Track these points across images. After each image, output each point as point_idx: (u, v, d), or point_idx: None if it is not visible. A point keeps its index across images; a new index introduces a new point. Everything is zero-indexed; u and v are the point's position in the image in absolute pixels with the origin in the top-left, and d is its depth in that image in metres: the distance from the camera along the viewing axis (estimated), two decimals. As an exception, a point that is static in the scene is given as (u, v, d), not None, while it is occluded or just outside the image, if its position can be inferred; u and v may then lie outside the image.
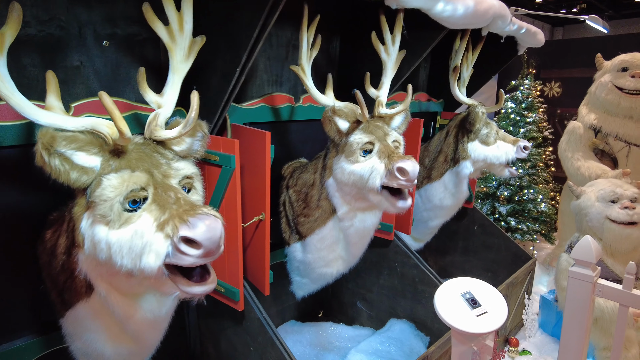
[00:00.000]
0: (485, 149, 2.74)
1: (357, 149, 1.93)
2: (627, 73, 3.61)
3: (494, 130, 2.72)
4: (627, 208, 2.79)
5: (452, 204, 2.98)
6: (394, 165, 1.81)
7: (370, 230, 2.27)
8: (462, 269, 3.73)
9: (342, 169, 1.98)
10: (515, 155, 2.63)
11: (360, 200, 2.07)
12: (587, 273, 2.11)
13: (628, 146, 3.71)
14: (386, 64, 2.18)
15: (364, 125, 2.00)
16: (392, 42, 2.16)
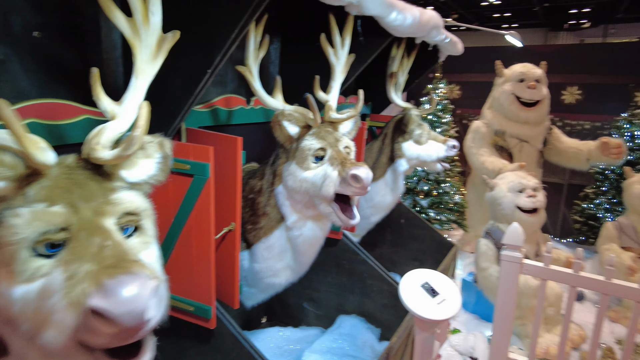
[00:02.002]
0: (418, 148, 2.98)
1: (309, 155, 1.90)
2: (524, 84, 4.18)
3: (425, 131, 2.97)
4: (531, 197, 3.27)
5: (393, 200, 3.19)
6: (347, 172, 1.79)
7: (321, 239, 2.25)
8: (392, 260, 3.97)
9: (293, 176, 1.93)
10: (445, 153, 2.91)
11: (312, 209, 2.05)
12: (516, 255, 2.43)
13: (521, 143, 4.31)
14: (335, 67, 2.16)
15: (315, 130, 1.98)
16: (342, 45, 2.15)
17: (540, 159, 4.39)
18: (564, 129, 5.20)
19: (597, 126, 5.02)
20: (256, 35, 2.01)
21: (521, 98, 4.17)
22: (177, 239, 1.74)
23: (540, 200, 3.35)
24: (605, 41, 15.38)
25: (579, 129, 5.14)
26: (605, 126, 4.92)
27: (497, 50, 5.58)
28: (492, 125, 4.36)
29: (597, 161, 4.03)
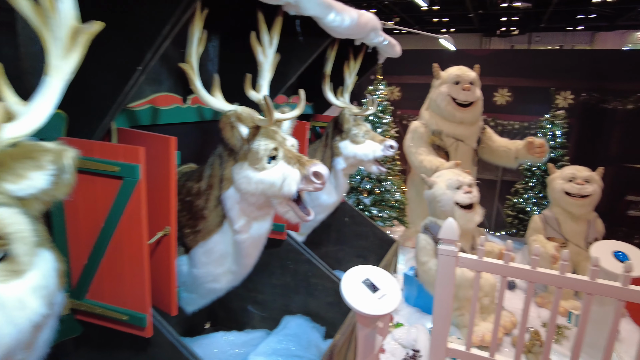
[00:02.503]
0: (355, 147, 3.04)
1: (264, 156, 1.89)
2: (459, 86, 4.38)
3: (362, 131, 3.04)
4: (468, 193, 3.44)
5: (337, 199, 3.24)
6: (309, 169, 1.84)
7: (265, 238, 2.25)
8: (337, 258, 4.02)
9: (247, 178, 1.90)
10: (381, 152, 2.98)
11: (265, 209, 2.05)
12: (452, 249, 2.55)
13: (456, 142, 4.52)
14: (263, 65, 2.14)
15: (263, 130, 1.97)
16: (270, 43, 2.12)
17: (475, 157, 4.63)
18: (496, 129, 5.54)
19: (525, 126, 5.40)
20: (197, 31, 1.95)
21: (457, 99, 4.37)
22: (107, 245, 1.65)
23: (476, 195, 3.54)
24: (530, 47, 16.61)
25: (509, 128, 5.50)
26: (532, 126, 5.30)
27: (435, 53, 5.82)
28: (429, 126, 4.54)
29: (524, 159, 4.33)
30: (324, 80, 3.00)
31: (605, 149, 5.24)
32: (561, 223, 4.03)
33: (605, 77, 5.07)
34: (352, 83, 3.29)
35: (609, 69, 5.05)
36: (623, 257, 2.74)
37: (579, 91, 5.10)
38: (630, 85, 5.00)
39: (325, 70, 2.95)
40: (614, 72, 5.04)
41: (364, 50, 3.21)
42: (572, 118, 5.17)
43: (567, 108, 5.15)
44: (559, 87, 5.15)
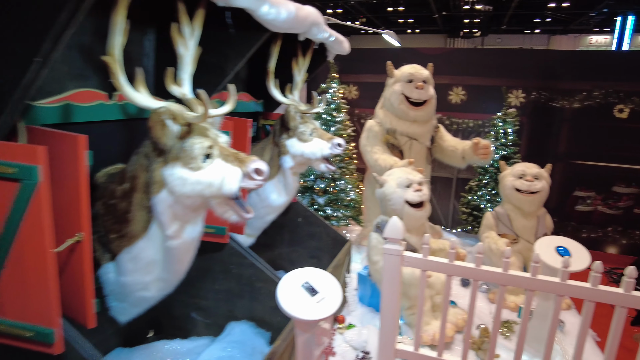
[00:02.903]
0: (302, 145, 2.96)
1: (199, 155, 1.78)
2: (412, 84, 4.37)
3: (310, 128, 2.96)
4: (418, 191, 3.43)
5: (287, 199, 3.16)
6: (249, 167, 1.78)
7: (198, 241, 2.13)
8: (290, 260, 3.94)
9: (182, 179, 1.77)
10: (329, 151, 2.91)
11: (200, 211, 1.96)
12: (397, 248, 2.51)
13: (410, 141, 4.52)
14: (184, 58, 2.00)
15: (196, 128, 1.87)
16: (192, 35, 1.99)
17: (429, 156, 4.65)
18: (451, 127, 5.61)
19: (479, 124, 5.49)
20: (120, 21, 1.80)
21: (410, 98, 4.37)
22: (7, 255, 1.49)
23: (426, 194, 3.53)
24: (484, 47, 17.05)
25: (464, 126, 5.57)
26: (486, 124, 5.39)
27: (392, 52, 5.84)
28: (384, 124, 4.52)
29: (471, 160, 4.38)
30: (268, 77, 2.90)
31: (555, 146, 5.39)
32: (512, 219, 4.10)
33: (553, 76, 5.22)
34: (301, 80, 3.21)
35: (557, 68, 5.20)
36: (565, 252, 2.79)
37: (529, 90, 5.23)
38: (577, 85, 5.16)
39: (269, 66, 2.85)
40: (561, 72, 5.20)
41: (312, 47, 3.13)
42: (524, 116, 5.29)
43: (519, 106, 5.27)
44: (511, 86, 5.25)
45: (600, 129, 5.19)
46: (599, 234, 5.43)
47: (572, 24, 22.17)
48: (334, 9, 22.60)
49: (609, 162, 5.23)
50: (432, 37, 26.30)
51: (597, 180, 5.32)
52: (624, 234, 5.34)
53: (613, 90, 5.04)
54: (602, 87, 5.06)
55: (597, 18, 20.75)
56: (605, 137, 5.18)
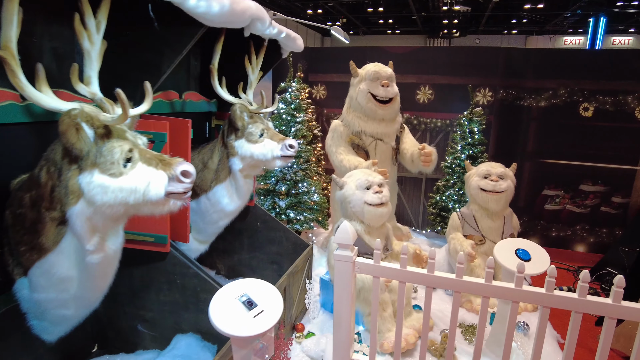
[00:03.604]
0: (251, 146, 2.81)
1: (120, 160, 1.63)
2: (378, 82, 4.28)
3: (259, 129, 2.82)
4: (377, 192, 3.32)
5: (241, 203, 3.02)
6: (176, 169, 1.67)
7: (119, 252, 1.96)
8: (250, 266, 3.78)
9: (102, 187, 1.62)
10: (280, 152, 2.77)
11: (121, 221, 1.81)
12: (347, 254, 2.38)
13: (375, 141, 4.42)
14: (90, 53, 1.79)
15: (113, 130, 1.71)
16: (97, 29, 1.78)
17: (394, 156, 4.55)
18: (419, 127, 5.53)
19: (447, 123, 5.42)
20: (12, 11, 1.61)
21: (377, 96, 4.27)
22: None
23: (386, 195, 3.43)
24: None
25: (432, 126, 5.49)
26: (454, 123, 5.32)
27: (358, 51, 5.74)
28: (351, 126, 4.42)
29: (417, 164, 4.31)
30: (212, 74, 2.74)
31: (523, 145, 5.36)
32: (478, 220, 4.03)
33: (520, 74, 5.19)
34: (256, 79, 3.06)
35: (523, 66, 5.17)
36: (525, 255, 2.70)
37: (497, 88, 5.18)
38: (543, 83, 5.14)
39: (212, 63, 2.69)
40: (528, 70, 5.17)
41: (264, 44, 2.99)
42: (491, 115, 5.24)
43: (486, 105, 5.22)
44: (478, 85, 5.20)
45: (567, 128, 5.18)
46: (568, 233, 5.42)
47: (547, 25, 22.59)
48: (314, 9, 22.54)
49: (576, 161, 5.23)
50: (412, 37, 26.45)
51: (565, 179, 5.32)
52: (591, 232, 5.34)
53: (578, 88, 5.03)
54: (567, 85, 5.05)
55: (571, 19, 21.20)
56: (572, 136, 5.18)
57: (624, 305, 1.96)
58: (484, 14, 21.50)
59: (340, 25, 27.08)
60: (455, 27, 25.57)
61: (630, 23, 21.08)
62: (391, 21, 25.82)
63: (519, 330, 3.39)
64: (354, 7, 22.35)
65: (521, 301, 2.16)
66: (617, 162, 5.09)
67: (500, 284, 2.17)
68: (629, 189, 5.10)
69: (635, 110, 4.91)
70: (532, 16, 21.70)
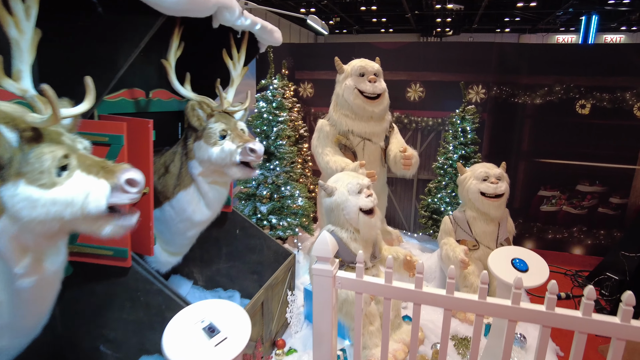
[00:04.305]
0: (210, 148, 2.52)
1: (52, 168, 1.41)
2: (364, 78, 4.06)
3: (220, 129, 2.53)
4: (369, 196, 3.10)
5: (210, 211, 2.74)
6: (120, 177, 1.45)
7: (61, 272, 1.72)
8: (229, 276, 3.55)
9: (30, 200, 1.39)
10: (239, 158, 2.47)
11: (58, 237, 1.58)
12: (327, 268, 2.15)
13: (363, 141, 4.19)
14: (19, 44, 1.52)
15: (45, 133, 1.49)
16: (26, 15, 1.52)
17: (383, 157, 4.32)
18: (410, 126, 5.31)
19: (438, 122, 5.20)
20: None
21: (364, 92, 4.04)
22: None
23: (376, 198, 3.21)
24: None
25: (423, 125, 5.27)
26: (446, 122, 5.11)
27: (346, 47, 5.51)
28: (337, 124, 4.18)
29: (399, 167, 4.08)
30: (166, 70, 2.47)
31: (518, 144, 5.16)
32: (471, 224, 3.81)
33: (514, 71, 4.98)
34: (238, 75, 2.80)
35: (517, 62, 4.96)
36: (522, 266, 2.49)
37: (490, 85, 4.97)
38: (538, 79, 4.94)
39: (167, 56, 2.41)
40: (522, 66, 4.96)
41: (246, 38, 2.75)
42: (485, 113, 5.03)
43: (480, 103, 5.01)
44: (471, 81, 4.99)
45: (563, 126, 4.98)
46: (565, 235, 5.23)
47: (539, 23, 22.58)
48: (307, 8, 22.32)
49: (573, 160, 5.04)
50: (405, 35, 26.30)
51: (562, 179, 5.12)
52: (589, 234, 5.15)
53: (574, 85, 4.83)
54: (563, 81, 4.85)
55: (563, 17, 21.22)
56: (568, 134, 4.98)
57: (635, 326, 1.74)
58: (477, 13, 21.44)
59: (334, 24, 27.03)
60: (448, 25, 25.47)
61: (622, 21, 21.15)
62: (384, 20, 25.67)
63: (516, 344, 3.18)
64: (347, 5, 22.17)
65: (519, 320, 1.94)
66: (615, 161, 4.90)
67: (495, 301, 1.95)
68: (628, 189, 4.92)
69: (633, 107, 4.72)
70: (524, 14, 21.67)
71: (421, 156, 5.38)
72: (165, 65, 2.38)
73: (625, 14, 19.87)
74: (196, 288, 3.67)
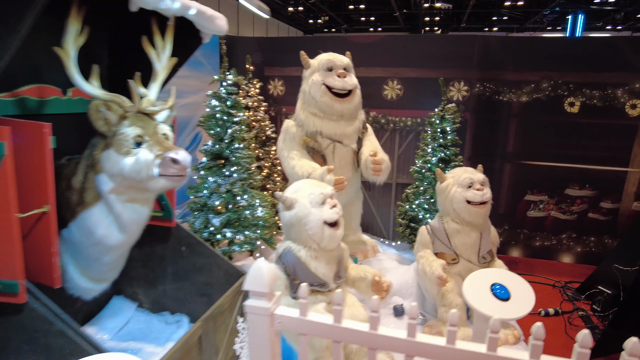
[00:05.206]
0: (121, 159, 2.08)
1: None
2: (333, 72, 3.66)
3: (133, 135, 2.09)
4: (334, 207, 2.72)
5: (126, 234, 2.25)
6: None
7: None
8: (176, 298, 3.13)
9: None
10: (157, 170, 2.03)
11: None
12: (262, 305, 1.75)
13: (333, 143, 3.79)
14: None
15: None
16: None
17: (356, 161, 3.92)
18: (388, 126, 4.92)
19: (418, 122, 4.82)
20: None
21: (333, 88, 3.65)
22: None
23: (341, 208, 2.82)
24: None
25: (401, 125, 4.89)
26: (426, 122, 4.72)
27: (319, 41, 5.11)
28: (304, 125, 3.78)
29: (369, 173, 3.69)
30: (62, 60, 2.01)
31: (503, 145, 4.80)
32: (450, 235, 3.43)
33: (498, 66, 4.61)
34: (164, 67, 2.39)
35: (502, 57, 4.60)
36: (503, 293, 2.10)
37: (473, 82, 4.60)
38: (524, 75, 4.58)
39: (64, 45, 1.97)
40: (507, 61, 4.60)
41: (172, 24, 2.33)
42: (467, 112, 4.67)
43: (462, 101, 4.64)
44: (452, 78, 4.62)
45: (551, 125, 4.63)
46: (553, 242, 4.89)
47: (527, 22, 22.53)
48: (295, 6, 21.94)
49: (561, 162, 4.69)
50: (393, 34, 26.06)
51: (550, 183, 4.78)
52: (579, 241, 4.81)
53: (562, 81, 4.48)
54: (551, 77, 4.50)
55: (550, 17, 21.23)
56: (556, 134, 4.64)
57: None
58: (465, 12, 21.28)
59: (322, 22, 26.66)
60: (436, 24, 25.25)
61: (608, 20, 21.17)
62: (373, 19, 25.37)
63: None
64: (335, 4, 21.84)
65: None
66: (607, 163, 4.56)
67: (468, 348, 1.57)
68: (620, 193, 4.59)
69: (625, 105, 4.39)
70: (512, 13, 21.60)
71: (400, 159, 5.02)
72: (60, 55, 1.93)
73: (611, 13, 19.91)
74: (141, 311, 3.25)
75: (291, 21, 26.64)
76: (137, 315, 3.23)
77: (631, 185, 4.53)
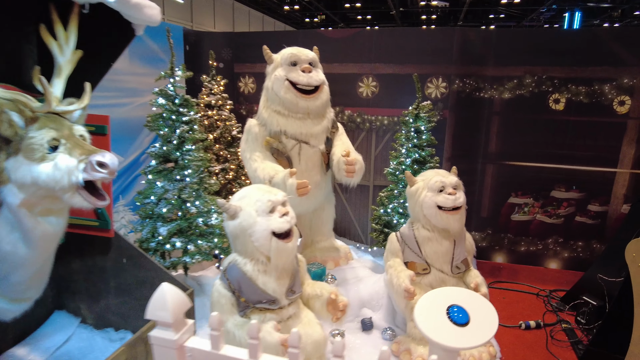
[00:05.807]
0: (35, 167, 1.83)
1: None
2: (297, 67, 3.42)
3: (48, 138, 1.85)
4: (285, 215, 2.47)
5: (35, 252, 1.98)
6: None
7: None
8: (121, 314, 2.89)
9: None
10: (81, 176, 1.80)
11: None
12: (168, 337, 1.50)
13: (299, 144, 3.53)
14: None
15: None
16: None
17: (325, 162, 3.66)
18: (364, 126, 4.67)
19: (394, 121, 4.57)
20: None
21: (297, 84, 3.39)
22: None
23: (294, 217, 2.57)
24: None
25: (377, 124, 4.63)
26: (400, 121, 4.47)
27: (290, 36, 4.85)
28: (267, 124, 3.52)
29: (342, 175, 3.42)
30: None
31: (485, 145, 4.55)
32: (421, 243, 3.18)
33: (479, 61, 4.36)
34: (69, 61, 2.12)
35: (482, 51, 4.34)
36: (460, 317, 1.85)
37: (451, 78, 4.34)
38: (506, 70, 4.33)
39: None
40: (488, 55, 4.34)
41: (76, 10, 2.06)
42: (446, 110, 4.41)
43: (440, 98, 4.38)
44: (430, 74, 4.36)
45: (535, 123, 4.38)
46: (539, 247, 4.63)
47: (524, 19, 22.34)
48: (291, 5, 21.71)
49: (546, 163, 4.44)
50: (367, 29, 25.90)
51: (535, 184, 4.52)
52: (565, 245, 4.56)
53: (546, 76, 4.23)
54: (534, 72, 4.24)
55: (547, 14, 21.10)
56: (541, 133, 4.38)
57: None
58: (461, 9, 21.08)
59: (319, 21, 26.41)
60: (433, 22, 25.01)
61: (605, 18, 20.97)
62: (369, 17, 25.12)
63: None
64: (331, 2, 21.61)
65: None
66: (594, 163, 4.31)
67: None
68: (608, 195, 4.33)
69: (613, 101, 4.13)
70: (509, 11, 21.41)
71: (377, 160, 4.77)
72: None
73: (608, 10, 19.73)
74: (83, 327, 3.01)
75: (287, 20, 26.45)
76: (79, 331, 2.99)
77: (620, 187, 4.28)
